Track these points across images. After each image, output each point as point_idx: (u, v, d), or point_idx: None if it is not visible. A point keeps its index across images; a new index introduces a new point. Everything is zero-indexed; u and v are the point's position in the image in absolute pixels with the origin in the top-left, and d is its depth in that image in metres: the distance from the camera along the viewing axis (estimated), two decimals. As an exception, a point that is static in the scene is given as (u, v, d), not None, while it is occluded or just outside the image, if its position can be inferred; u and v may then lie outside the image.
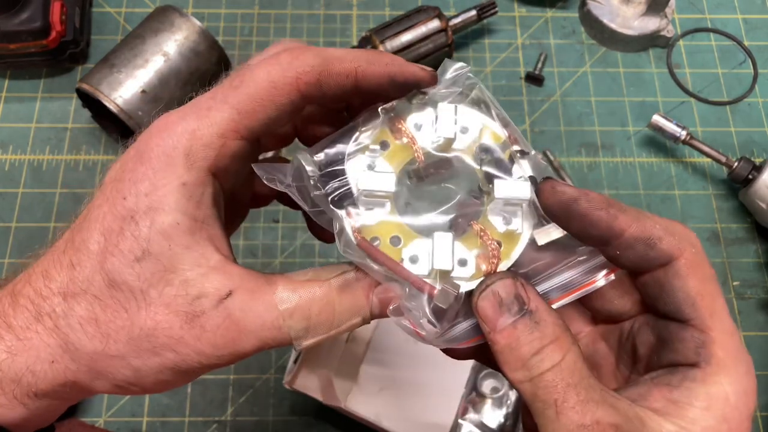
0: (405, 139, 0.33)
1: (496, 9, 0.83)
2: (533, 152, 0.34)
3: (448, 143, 0.33)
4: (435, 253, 0.32)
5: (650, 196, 0.80)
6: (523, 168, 0.33)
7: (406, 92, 0.33)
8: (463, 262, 0.32)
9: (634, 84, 0.86)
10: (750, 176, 0.75)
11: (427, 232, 0.33)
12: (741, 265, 0.77)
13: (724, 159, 0.76)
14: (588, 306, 0.37)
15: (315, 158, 0.32)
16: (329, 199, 0.32)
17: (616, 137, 0.83)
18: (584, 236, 0.32)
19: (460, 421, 0.62)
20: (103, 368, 0.31)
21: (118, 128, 0.78)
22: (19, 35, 0.76)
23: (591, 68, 0.87)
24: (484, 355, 0.32)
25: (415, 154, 0.33)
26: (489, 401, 0.64)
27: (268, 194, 0.40)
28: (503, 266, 0.32)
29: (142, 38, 0.73)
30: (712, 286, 0.30)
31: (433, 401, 0.59)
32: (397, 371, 0.60)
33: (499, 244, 0.32)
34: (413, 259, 0.32)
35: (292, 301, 0.31)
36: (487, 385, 0.64)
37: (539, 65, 0.86)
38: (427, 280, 0.32)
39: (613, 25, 0.86)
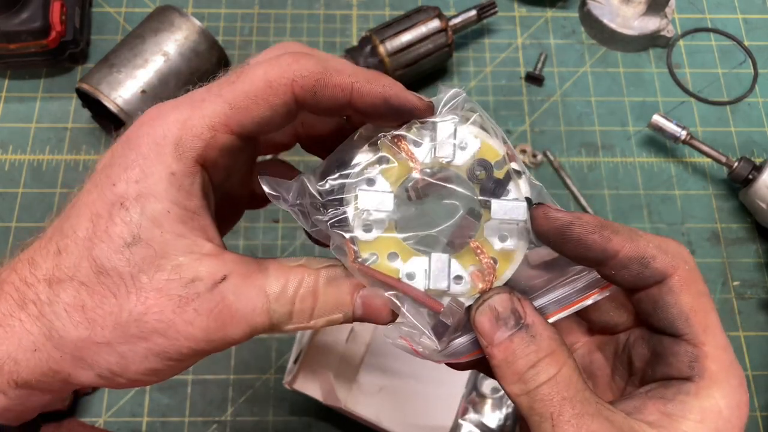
0: (404, 155, 0.33)
1: (496, 9, 0.83)
2: (528, 173, 0.34)
3: (447, 157, 0.33)
4: (431, 274, 0.32)
5: (650, 196, 0.80)
6: (520, 187, 0.33)
7: (400, 118, 0.33)
8: (458, 279, 0.32)
9: (634, 84, 0.86)
10: (750, 176, 0.75)
11: (424, 248, 0.33)
12: (741, 265, 0.77)
13: (724, 159, 0.76)
14: (584, 317, 0.37)
15: (319, 186, 0.33)
16: (329, 224, 0.32)
17: (616, 137, 0.83)
18: (579, 258, 0.32)
19: (460, 421, 0.62)
20: (88, 356, 0.30)
21: (118, 128, 0.78)
22: (19, 35, 0.76)
23: (591, 68, 0.87)
24: (484, 365, 0.32)
25: (414, 173, 0.33)
26: (489, 401, 0.64)
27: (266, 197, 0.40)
28: (498, 283, 0.33)
29: (142, 38, 0.73)
30: (706, 301, 0.31)
31: (433, 401, 0.59)
32: (397, 371, 0.60)
33: (495, 261, 0.33)
34: (410, 276, 0.32)
35: (280, 285, 0.31)
36: (487, 385, 0.64)
37: (539, 65, 0.86)
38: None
39: (613, 25, 0.86)
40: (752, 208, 0.76)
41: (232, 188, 0.35)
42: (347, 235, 0.32)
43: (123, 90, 0.70)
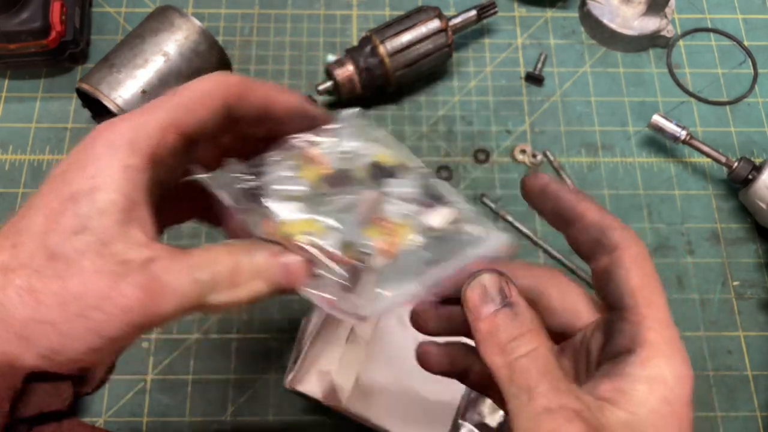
0: (314, 155, 0.39)
1: (496, 9, 0.83)
2: (428, 171, 0.40)
3: (350, 160, 0.39)
4: (343, 237, 0.36)
5: (650, 196, 0.80)
6: (410, 179, 0.39)
7: (308, 125, 0.40)
8: (365, 246, 0.36)
9: (634, 84, 0.86)
10: (750, 176, 0.75)
11: (335, 227, 0.37)
12: (741, 265, 0.77)
13: (724, 159, 0.76)
14: (545, 323, 0.39)
15: (243, 180, 0.37)
16: (251, 208, 0.37)
17: (616, 137, 0.83)
18: (554, 215, 0.37)
19: (460, 421, 0.62)
20: (32, 335, 0.32)
21: (118, 128, 0.78)
22: (19, 35, 0.76)
23: (591, 68, 0.87)
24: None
25: (322, 171, 0.39)
26: (489, 401, 0.64)
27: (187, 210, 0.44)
28: (400, 246, 0.37)
29: (141, 38, 0.73)
30: (653, 281, 0.34)
31: (433, 401, 0.59)
32: (397, 371, 0.60)
33: (400, 230, 0.37)
34: (325, 246, 0.35)
35: (203, 258, 0.35)
36: (487, 385, 0.64)
37: (539, 65, 0.86)
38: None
39: (613, 25, 0.86)
40: (752, 209, 0.76)
41: (170, 187, 0.39)
42: (269, 226, 0.36)
43: (123, 90, 0.70)
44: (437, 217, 0.38)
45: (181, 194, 0.42)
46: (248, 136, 0.40)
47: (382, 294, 0.35)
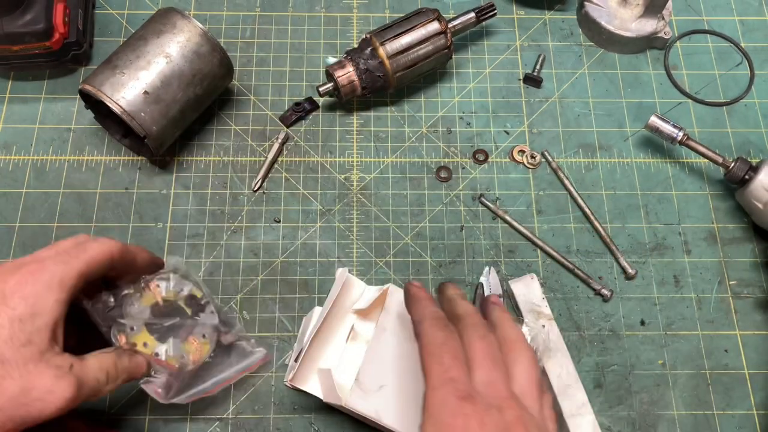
0: (153, 288, 0.59)
1: (495, 11, 0.84)
2: (212, 304, 0.62)
3: (175, 294, 0.60)
4: (168, 352, 0.59)
5: (647, 196, 0.80)
6: (212, 309, 0.62)
7: (154, 269, 0.60)
8: (184, 357, 0.59)
9: (631, 85, 0.87)
10: (746, 176, 0.75)
11: (165, 342, 0.59)
12: (738, 265, 0.77)
13: (720, 159, 0.77)
14: None
15: (104, 302, 0.57)
16: (112, 326, 0.57)
17: (613, 138, 0.84)
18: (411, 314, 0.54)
19: (459, 418, 0.62)
20: None
21: (120, 129, 0.78)
22: (23, 37, 0.77)
23: (589, 70, 0.88)
24: None
25: (158, 298, 0.60)
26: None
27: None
28: (202, 357, 0.60)
29: (144, 40, 0.73)
30: (430, 358, 0.49)
31: (433, 399, 0.59)
32: (397, 369, 0.61)
33: (203, 346, 0.60)
34: (158, 353, 0.58)
35: (99, 360, 0.53)
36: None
37: (537, 67, 0.87)
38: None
39: (610, 27, 0.87)
40: (748, 208, 0.77)
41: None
42: (123, 338, 0.57)
43: (126, 91, 0.70)
44: (227, 338, 0.62)
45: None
46: (117, 276, 0.58)
47: (191, 388, 0.60)
